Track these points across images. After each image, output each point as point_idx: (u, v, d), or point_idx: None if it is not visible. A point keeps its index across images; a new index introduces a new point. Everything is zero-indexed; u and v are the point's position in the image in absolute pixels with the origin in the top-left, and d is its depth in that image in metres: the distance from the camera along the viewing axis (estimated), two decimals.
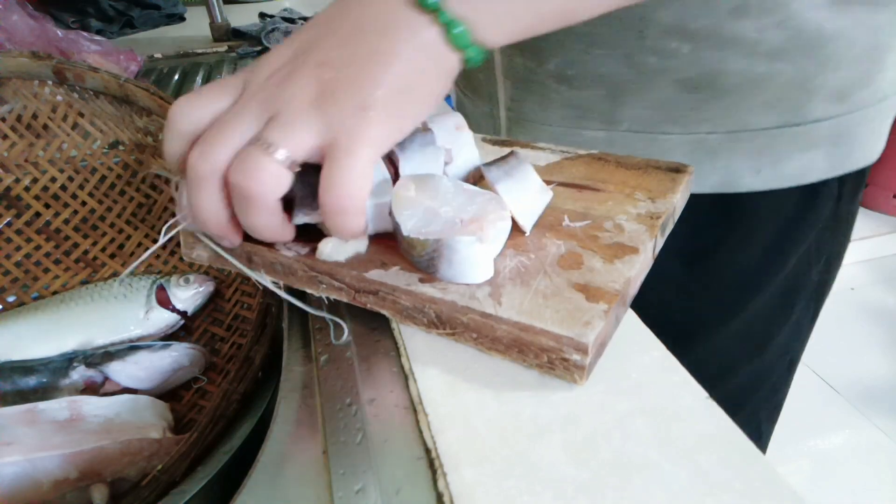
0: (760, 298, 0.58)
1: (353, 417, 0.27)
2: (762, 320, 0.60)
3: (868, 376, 1.56)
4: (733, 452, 0.23)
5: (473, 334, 0.28)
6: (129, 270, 0.54)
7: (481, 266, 0.29)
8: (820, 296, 0.63)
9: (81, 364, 0.44)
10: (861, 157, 0.53)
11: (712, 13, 0.45)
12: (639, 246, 0.31)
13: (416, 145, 0.34)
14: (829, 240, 0.58)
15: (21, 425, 0.36)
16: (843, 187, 0.54)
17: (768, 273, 0.57)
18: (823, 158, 0.51)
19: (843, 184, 0.54)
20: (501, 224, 0.29)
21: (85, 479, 0.35)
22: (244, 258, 0.34)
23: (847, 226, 0.60)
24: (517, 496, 0.22)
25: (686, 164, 0.39)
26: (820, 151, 0.50)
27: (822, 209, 0.54)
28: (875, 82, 0.49)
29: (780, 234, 0.55)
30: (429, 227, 0.29)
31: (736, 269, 0.57)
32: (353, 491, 0.24)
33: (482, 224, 0.28)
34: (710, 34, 0.46)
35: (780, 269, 0.57)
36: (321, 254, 0.31)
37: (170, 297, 0.49)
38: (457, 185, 0.31)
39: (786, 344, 0.63)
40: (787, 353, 0.65)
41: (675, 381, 0.26)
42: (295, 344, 0.35)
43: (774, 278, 0.57)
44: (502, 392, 0.27)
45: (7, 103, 0.51)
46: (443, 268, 0.29)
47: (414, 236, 0.29)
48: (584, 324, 0.26)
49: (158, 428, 0.38)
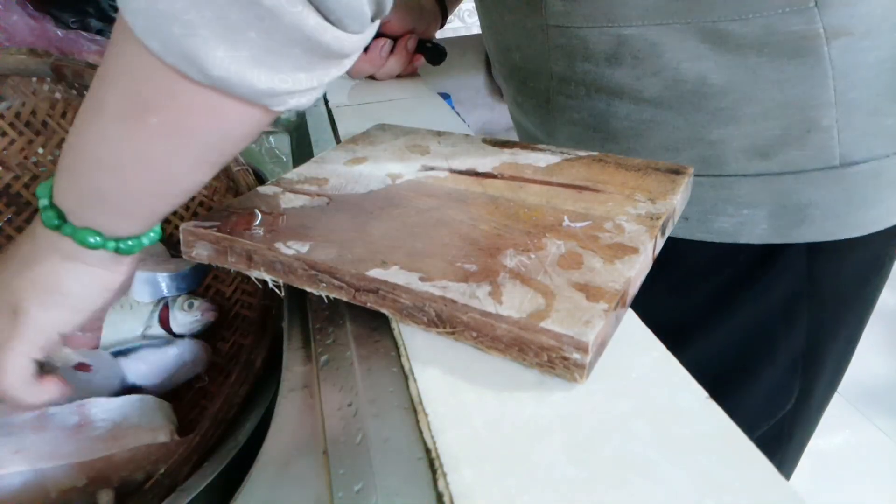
0: (707, 347, 0.52)
1: (353, 417, 0.27)
2: (714, 370, 0.51)
3: (868, 376, 1.56)
4: (733, 452, 0.23)
5: (473, 333, 0.28)
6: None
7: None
8: (809, 371, 0.53)
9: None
10: (828, 229, 0.45)
11: (591, 61, 0.47)
12: (639, 246, 0.31)
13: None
14: (811, 312, 0.50)
15: (30, 433, 0.36)
16: (815, 261, 0.47)
17: (714, 321, 0.52)
18: (765, 220, 0.45)
19: (815, 257, 0.47)
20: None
21: (92, 485, 0.35)
22: (244, 257, 0.34)
23: (846, 300, 0.51)
24: (517, 496, 0.22)
25: (686, 166, 0.40)
26: (757, 210, 0.45)
27: (785, 278, 0.48)
28: (811, 144, 0.43)
29: (725, 286, 0.50)
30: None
31: (675, 306, 0.52)
32: (353, 491, 0.24)
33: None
34: (594, 81, 0.48)
35: (726, 320, 0.51)
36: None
37: (170, 318, 0.49)
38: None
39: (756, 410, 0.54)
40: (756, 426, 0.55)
41: (675, 381, 0.26)
42: (295, 344, 0.35)
43: (720, 329, 0.51)
44: (502, 392, 0.27)
45: (6, 100, 0.51)
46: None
47: None
48: (585, 323, 0.26)
49: (167, 430, 0.38)
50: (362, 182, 0.40)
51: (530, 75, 0.54)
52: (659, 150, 0.47)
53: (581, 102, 0.50)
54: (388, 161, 0.43)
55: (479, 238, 0.32)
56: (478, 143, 0.46)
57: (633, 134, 0.48)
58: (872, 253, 0.49)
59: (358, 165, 0.43)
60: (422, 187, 0.39)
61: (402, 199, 0.37)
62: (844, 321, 0.53)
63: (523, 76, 0.55)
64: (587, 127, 0.50)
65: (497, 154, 0.43)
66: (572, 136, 0.53)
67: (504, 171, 0.40)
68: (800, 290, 0.49)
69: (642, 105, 0.46)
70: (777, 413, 0.56)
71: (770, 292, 0.49)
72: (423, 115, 0.60)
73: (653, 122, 0.46)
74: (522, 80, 0.55)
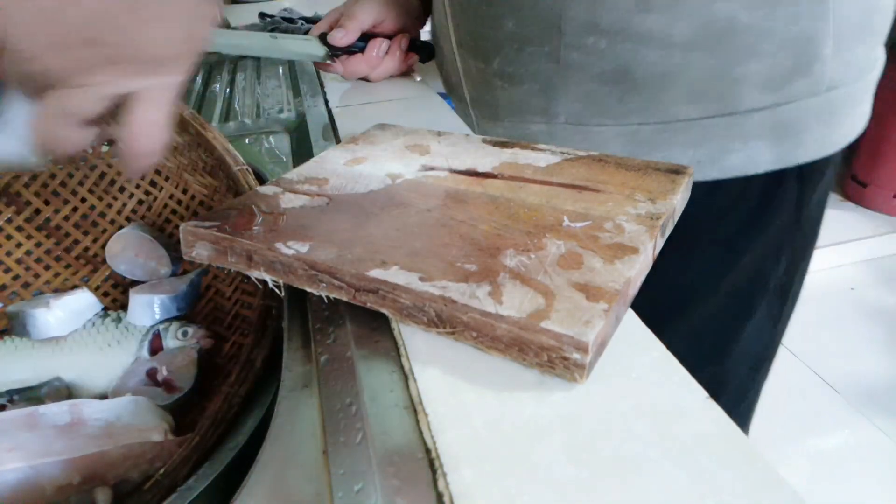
0: (713, 300, 0.57)
1: (353, 417, 0.27)
2: (717, 323, 0.59)
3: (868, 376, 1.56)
4: (733, 452, 0.23)
5: (473, 333, 0.28)
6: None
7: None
8: (785, 298, 0.61)
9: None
10: (815, 149, 0.52)
11: (620, 8, 0.47)
12: (639, 246, 0.31)
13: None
14: (792, 240, 0.57)
15: (22, 430, 0.36)
16: (804, 184, 0.54)
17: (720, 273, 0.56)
18: (768, 149, 0.51)
19: (803, 180, 0.53)
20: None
21: (88, 482, 0.35)
22: (244, 257, 0.34)
23: (812, 225, 0.59)
24: (517, 496, 0.22)
25: (686, 166, 0.40)
26: (763, 142, 0.50)
27: (782, 207, 0.54)
28: (814, 72, 0.49)
29: (733, 232, 0.55)
30: None
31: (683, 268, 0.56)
32: (353, 491, 0.24)
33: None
34: (622, 29, 0.48)
35: (732, 268, 0.56)
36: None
37: (164, 348, 0.47)
38: None
39: (747, 348, 0.62)
40: (748, 357, 0.63)
41: (675, 381, 0.26)
42: (295, 344, 0.35)
43: (726, 278, 0.56)
44: (502, 392, 0.27)
45: None
46: None
47: None
48: (585, 323, 0.26)
49: (160, 430, 0.38)
50: (362, 182, 0.40)
51: (529, 40, 0.52)
52: (682, 95, 0.49)
53: (601, 55, 0.49)
54: (387, 161, 0.43)
55: (479, 238, 0.32)
56: (478, 143, 0.46)
57: (659, 80, 0.49)
58: (829, 177, 0.57)
59: (358, 165, 0.43)
60: (422, 187, 0.39)
61: (402, 199, 0.37)
62: (810, 246, 0.61)
63: (518, 44, 0.54)
64: (605, 81, 0.50)
65: (497, 154, 0.43)
66: (584, 95, 0.52)
67: (504, 171, 0.40)
68: (789, 219, 0.55)
69: (672, 49, 0.47)
70: (761, 352, 0.63)
71: (768, 230, 0.55)
72: (423, 115, 0.60)
73: (681, 65, 0.48)
74: (517, 49, 0.54)
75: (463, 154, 0.44)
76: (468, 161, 0.42)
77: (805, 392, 1.52)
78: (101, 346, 0.47)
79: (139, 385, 0.44)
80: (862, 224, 2.03)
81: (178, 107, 0.32)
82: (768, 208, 0.54)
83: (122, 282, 0.55)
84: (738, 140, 0.50)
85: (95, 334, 0.48)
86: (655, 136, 0.51)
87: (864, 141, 2.01)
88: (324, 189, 0.39)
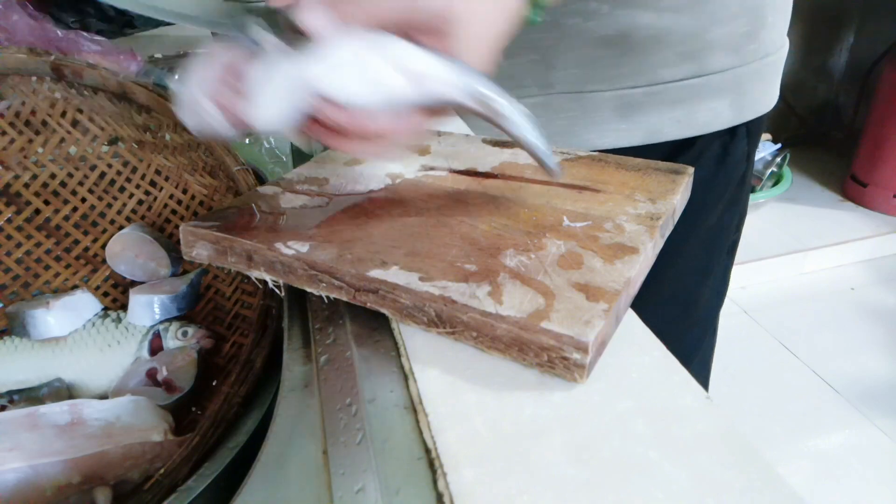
0: (681, 262, 0.61)
1: (353, 417, 0.27)
2: (689, 278, 0.63)
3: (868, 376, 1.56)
4: (733, 452, 0.23)
5: (473, 333, 0.28)
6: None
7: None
8: (733, 254, 0.68)
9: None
10: (759, 106, 0.60)
11: None
12: (639, 246, 0.31)
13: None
14: (742, 194, 0.63)
15: (22, 430, 0.36)
16: (751, 138, 0.60)
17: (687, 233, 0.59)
18: (728, 107, 0.57)
19: (750, 135, 0.60)
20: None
21: (87, 482, 0.35)
22: (244, 257, 0.34)
23: (750, 181, 0.66)
24: (517, 496, 0.22)
25: (685, 166, 0.40)
26: (724, 101, 0.57)
27: (736, 162, 0.60)
28: (760, 38, 0.55)
29: (700, 188, 0.57)
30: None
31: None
32: (353, 491, 0.24)
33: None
34: None
35: (698, 226, 0.60)
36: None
37: (164, 348, 0.47)
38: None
39: (710, 302, 0.67)
40: (712, 310, 0.69)
41: (675, 381, 0.26)
42: (295, 344, 0.35)
43: (692, 237, 0.60)
44: (502, 392, 0.26)
45: (5, 99, 0.51)
46: None
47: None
48: (585, 323, 0.26)
49: (160, 430, 0.38)
50: (362, 182, 0.40)
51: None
52: (668, 57, 0.54)
53: (602, 18, 0.52)
54: (387, 161, 0.43)
55: (479, 238, 0.32)
56: (478, 143, 0.46)
57: (651, 44, 0.53)
58: (759, 136, 0.63)
59: (358, 165, 0.43)
60: (422, 187, 0.39)
61: (402, 199, 0.37)
62: (748, 202, 0.67)
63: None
64: (603, 45, 0.53)
65: (497, 154, 0.43)
66: (582, 59, 0.54)
67: (504, 171, 0.40)
68: (740, 174, 0.61)
69: (663, 13, 0.51)
70: (718, 304, 0.69)
71: (727, 185, 0.60)
72: None
73: (669, 28, 0.52)
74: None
75: (463, 154, 0.44)
76: (468, 161, 0.42)
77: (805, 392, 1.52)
78: (101, 346, 0.47)
79: (139, 385, 0.44)
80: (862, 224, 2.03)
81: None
82: (724, 162, 0.59)
83: (122, 282, 0.55)
84: (707, 99, 0.56)
85: (95, 334, 0.48)
86: (644, 98, 0.55)
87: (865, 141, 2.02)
88: (324, 189, 0.39)
